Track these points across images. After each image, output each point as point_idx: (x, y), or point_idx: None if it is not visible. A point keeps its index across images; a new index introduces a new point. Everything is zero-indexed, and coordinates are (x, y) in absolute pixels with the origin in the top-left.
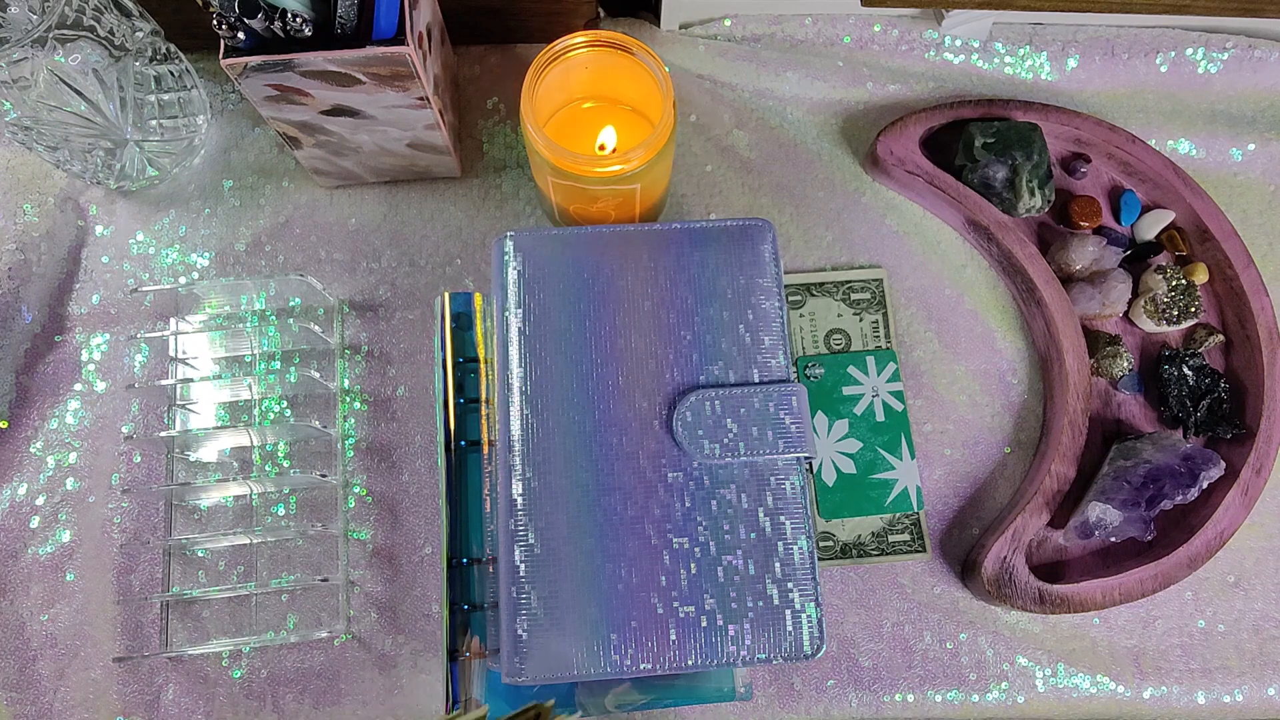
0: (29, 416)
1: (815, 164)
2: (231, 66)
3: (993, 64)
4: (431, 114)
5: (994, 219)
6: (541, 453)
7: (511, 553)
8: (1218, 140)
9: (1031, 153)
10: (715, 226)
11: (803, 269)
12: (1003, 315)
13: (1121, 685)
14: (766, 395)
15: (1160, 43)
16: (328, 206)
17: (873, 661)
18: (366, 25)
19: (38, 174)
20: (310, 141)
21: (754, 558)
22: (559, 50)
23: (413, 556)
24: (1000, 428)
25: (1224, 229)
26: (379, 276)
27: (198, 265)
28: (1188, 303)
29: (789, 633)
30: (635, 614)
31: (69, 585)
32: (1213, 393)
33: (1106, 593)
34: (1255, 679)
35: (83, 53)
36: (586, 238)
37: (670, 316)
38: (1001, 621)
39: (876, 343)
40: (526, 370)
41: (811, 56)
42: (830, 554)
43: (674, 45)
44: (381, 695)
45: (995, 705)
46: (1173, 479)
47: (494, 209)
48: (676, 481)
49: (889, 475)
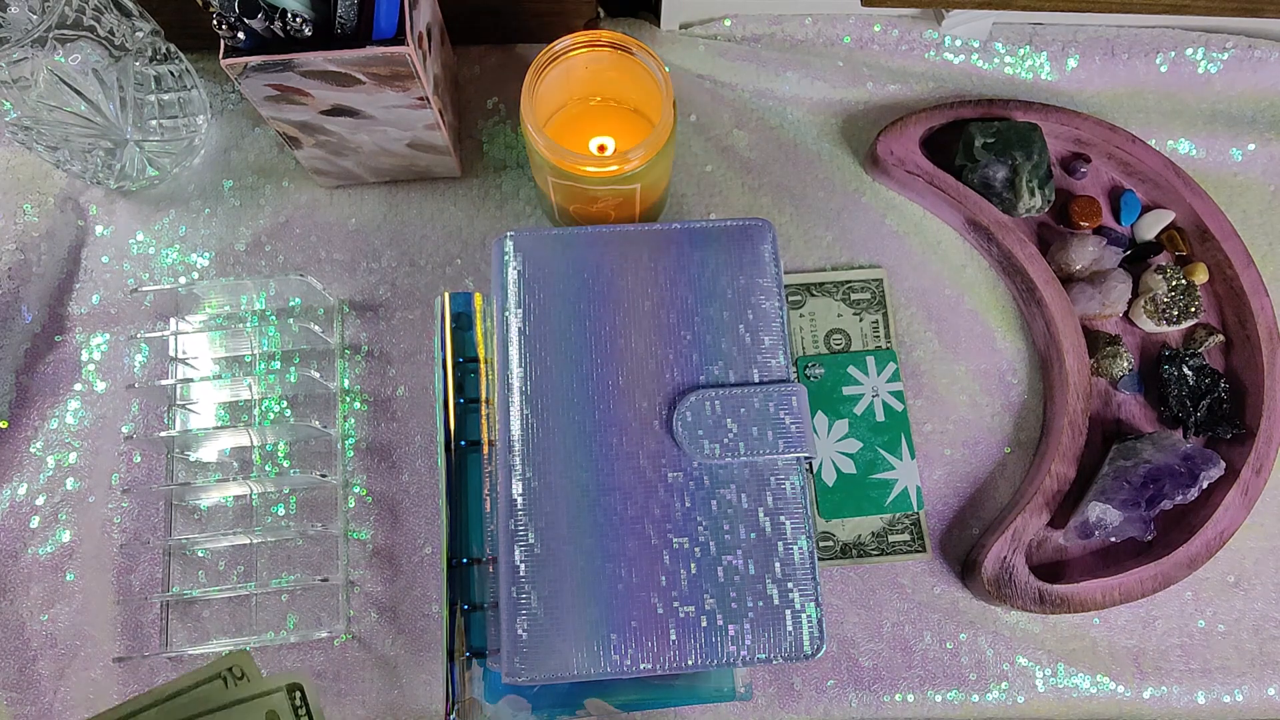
0: (29, 416)
1: (815, 164)
2: (231, 66)
3: (993, 64)
4: (431, 114)
5: (994, 219)
6: (541, 453)
7: (511, 553)
8: (1218, 140)
9: (1031, 153)
10: (715, 226)
11: (803, 269)
12: (1003, 315)
13: (1121, 685)
14: (766, 395)
15: (1160, 43)
16: (328, 206)
17: (873, 661)
18: (366, 25)
19: (38, 174)
20: (310, 141)
21: (754, 558)
22: (559, 50)
23: (413, 556)
24: (1000, 428)
25: (1224, 229)
26: (379, 276)
27: (198, 265)
28: (1188, 303)
29: (789, 633)
30: (635, 614)
31: (69, 585)
32: (1213, 393)
33: (1106, 593)
34: (1255, 679)
35: (83, 53)
36: (586, 238)
37: (670, 316)
38: (1001, 621)
39: (876, 343)
40: (526, 370)
41: (811, 56)
42: (830, 554)
43: (674, 45)
44: (381, 695)
45: (995, 705)
46: (1173, 479)
47: (494, 209)
48: (676, 481)
49: (889, 475)
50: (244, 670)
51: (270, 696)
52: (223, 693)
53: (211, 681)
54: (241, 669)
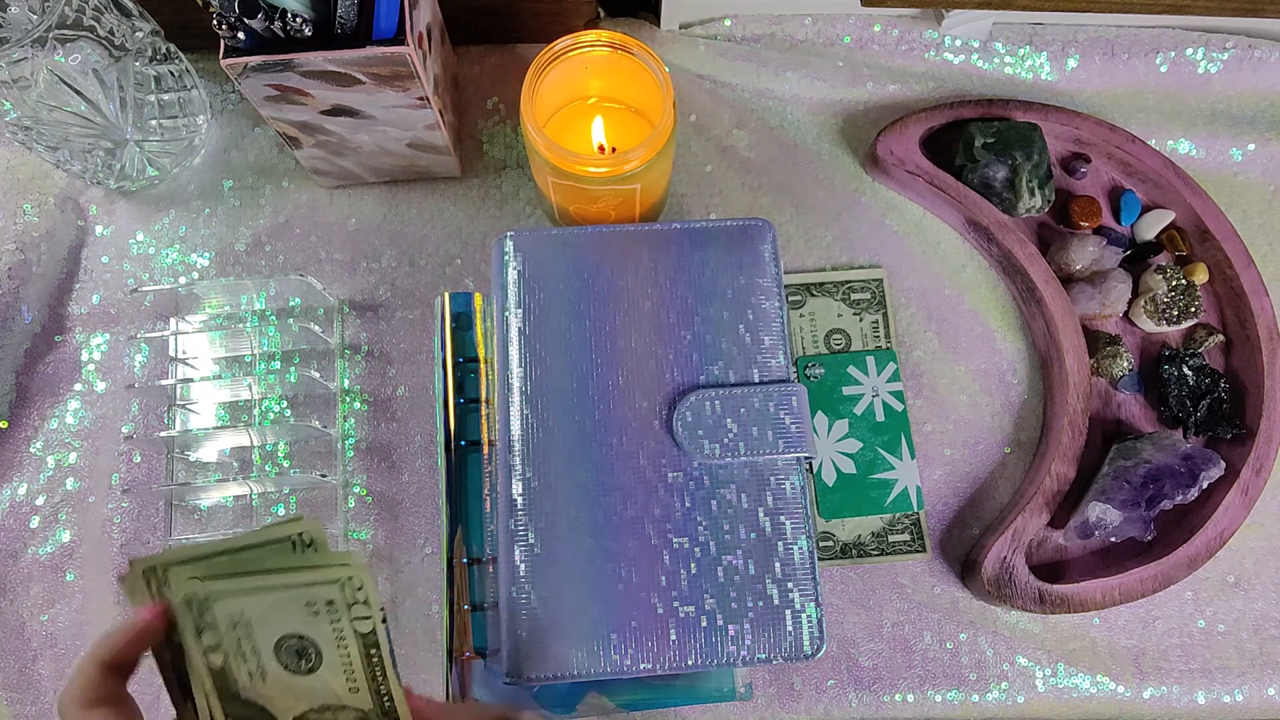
0: (29, 416)
1: (815, 164)
2: (231, 66)
3: (993, 64)
4: (431, 114)
5: (994, 219)
6: (541, 453)
7: (511, 553)
8: (1218, 140)
9: (1031, 153)
10: (715, 226)
11: (803, 269)
12: (1003, 315)
13: (1121, 685)
14: (766, 395)
15: (1160, 43)
16: (328, 206)
17: (873, 661)
18: (366, 25)
19: (38, 174)
20: (310, 141)
21: (754, 558)
22: (559, 50)
23: (413, 556)
24: (1000, 428)
25: (1224, 229)
26: (379, 276)
27: (198, 265)
28: (1188, 303)
29: (789, 633)
30: (635, 614)
31: (69, 585)
32: (1213, 393)
33: (1106, 593)
34: (1255, 679)
35: (83, 53)
36: (586, 238)
37: (670, 316)
38: (1001, 621)
39: (876, 343)
40: (526, 370)
41: (811, 56)
42: (830, 554)
43: (674, 45)
44: None
45: (995, 705)
46: (1173, 479)
47: (494, 209)
48: (676, 481)
49: (889, 475)
50: (313, 539)
51: (334, 569)
52: (289, 557)
53: (280, 544)
54: (311, 536)
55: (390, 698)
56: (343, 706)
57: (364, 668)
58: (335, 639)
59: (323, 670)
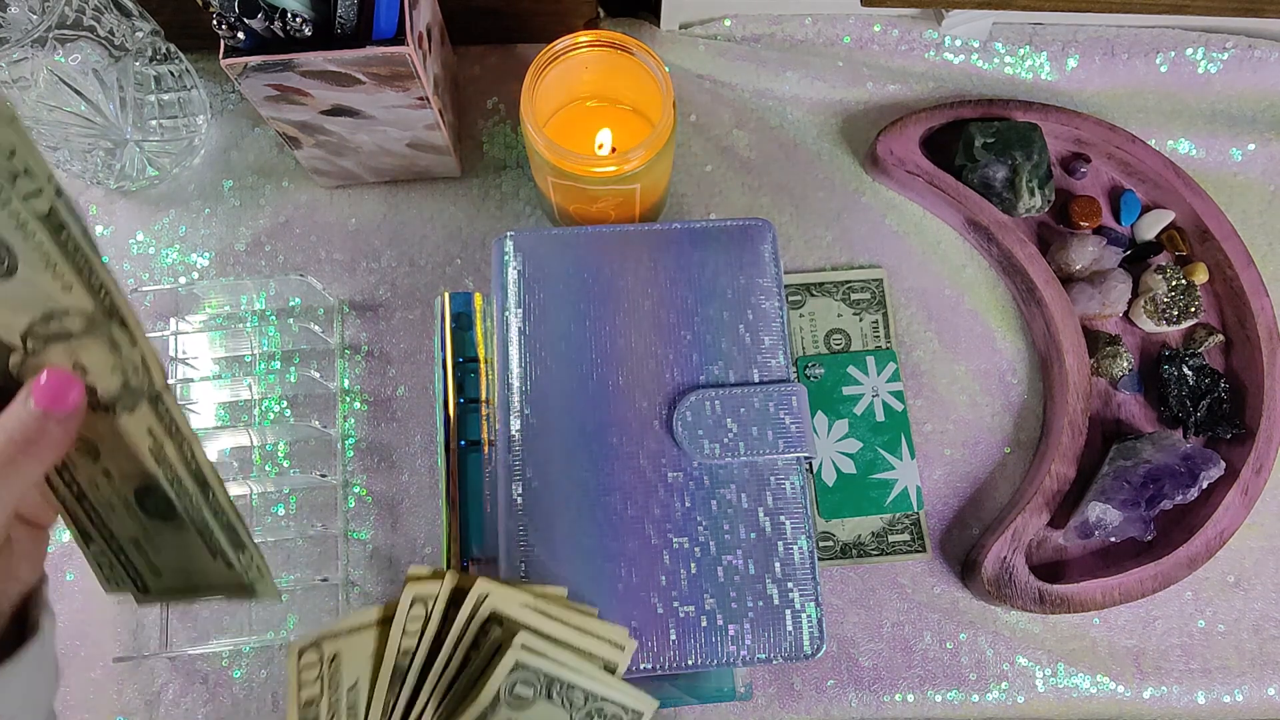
0: None
1: (815, 164)
2: (231, 66)
3: (993, 64)
4: (431, 114)
5: (994, 219)
6: (541, 453)
7: (511, 553)
8: (1218, 140)
9: (1031, 153)
10: (715, 226)
11: (803, 269)
12: (1003, 315)
13: (1121, 685)
14: (766, 395)
15: (1160, 43)
16: (328, 206)
17: (873, 661)
18: (366, 25)
19: None
20: (310, 141)
21: (754, 557)
22: (559, 50)
23: (413, 556)
24: (1000, 428)
25: (1224, 229)
26: (379, 276)
27: (198, 265)
28: (1188, 303)
29: (789, 632)
30: (635, 614)
31: (69, 585)
32: (1213, 393)
33: (1106, 593)
34: (1255, 679)
35: (83, 53)
36: (586, 238)
37: (670, 316)
38: (1001, 621)
39: (876, 343)
40: (526, 370)
41: (811, 56)
42: (830, 554)
43: (674, 45)
44: None
45: (995, 705)
46: (1173, 479)
47: (494, 209)
48: (676, 481)
49: (889, 475)
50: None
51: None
52: None
53: None
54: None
55: (105, 290)
56: (65, 311)
57: (65, 259)
58: (17, 226)
59: (22, 269)
